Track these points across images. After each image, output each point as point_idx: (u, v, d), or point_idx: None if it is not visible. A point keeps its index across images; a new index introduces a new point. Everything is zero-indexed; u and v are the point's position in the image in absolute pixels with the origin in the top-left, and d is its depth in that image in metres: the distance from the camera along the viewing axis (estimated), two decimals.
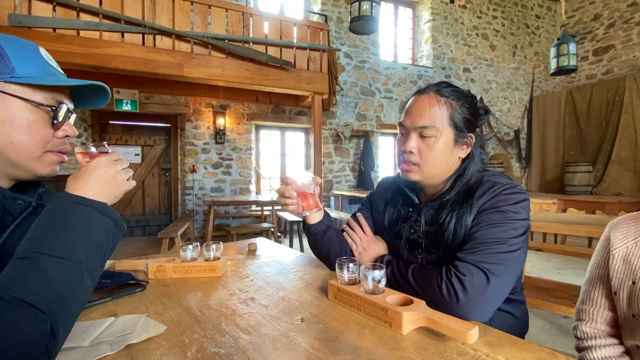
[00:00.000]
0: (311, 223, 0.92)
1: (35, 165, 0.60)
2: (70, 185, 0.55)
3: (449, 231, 0.77)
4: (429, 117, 0.79)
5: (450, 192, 0.81)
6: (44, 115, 0.59)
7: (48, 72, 0.60)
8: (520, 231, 0.73)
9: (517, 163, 7.90)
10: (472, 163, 0.83)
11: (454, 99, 0.81)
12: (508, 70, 7.85)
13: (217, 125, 5.13)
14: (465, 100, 0.82)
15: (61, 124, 0.61)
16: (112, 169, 0.58)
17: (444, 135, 0.79)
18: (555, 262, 3.65)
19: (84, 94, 0.68)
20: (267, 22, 4.29)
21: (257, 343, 0.57)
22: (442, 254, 0.80)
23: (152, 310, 0.71)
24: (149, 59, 3.58)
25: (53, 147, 0.62)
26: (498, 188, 0.76)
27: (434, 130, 0.78)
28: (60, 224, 0.49)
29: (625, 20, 6.85)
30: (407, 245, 0.88)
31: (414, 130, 0.80)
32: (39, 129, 0.58)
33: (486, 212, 0.74)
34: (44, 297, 0.43)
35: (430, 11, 6.87)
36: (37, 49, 0.61)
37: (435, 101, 0.79)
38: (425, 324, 0.60)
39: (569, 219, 2.14)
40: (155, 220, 5.20)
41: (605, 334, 0.73)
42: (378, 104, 6.39)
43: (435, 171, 0.82)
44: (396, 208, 0.93)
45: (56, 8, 3.25)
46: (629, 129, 6.26)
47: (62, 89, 0.62)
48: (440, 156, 0.80)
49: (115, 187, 0.58)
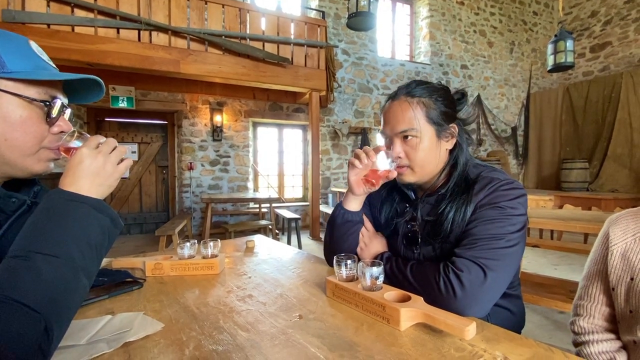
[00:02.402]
0: (350, 209, 0.89)
1: (29, 163, 0.59)
2: (62, 182, 0.54)
3: (447, 221, 0.77)
4: (405, 121, 0.80)
5: (447, 185, 0.82)
6: (38, 111, 0.58)
7: (40, 66, 0.58)
8: (518, 227, 0.73)
9: (514, 160, 7.93)
10: (461, 152, 0.85)
11: (426, 96, 0.81)
12: (505, 67, 7.85)
13: (214, 122, 5.10)
14: (438, 94, 0.83)
15: (56, 119, 0.60)
16: (97, 159, 0.54)
17: (425, 134, 0.80)
18: (551, 258, 3.68)
19: (78, 88, 0.67)
20: (264, 18, 4.27)
21: (255, 340, 0.57)
22: (439, 248, 0.81)
23: (150, 308, 0.70)
24: (145, 55, 3.55)
25: (48, 143, 0.60)
26: (496, 184, 0.76)
27: (414, 132, 0.80)
28: (54, 222, 0.48)
29: (622, 17, 6.86)
30: (404, 241, 0.88)
31: (396, 136, 0.82)
32: (33, 125, 0.57)
33: (484, 208, 0.75)
34: (37, 296, 0.43)
35: (428, 7, 6.84)
36: (27, 43, 0.59)
37: (407, 105, 0.81)
38: (423, 320, 0.60)
39: (565, 215, 2.15)
40: (153, 218, 5.18)
41: (603, 329, 0.74)
42: (376, 100, 6.38)
43: (427, 169, 0.83)
44: (392, 205, 0.94)
45: (50, 4, 3.22)
46: (625, 126, 6.29)
47: (56, 84, 0.61)
48: (427, 154, 0.81)
49: (105, 177, 0.55)
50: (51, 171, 0.63)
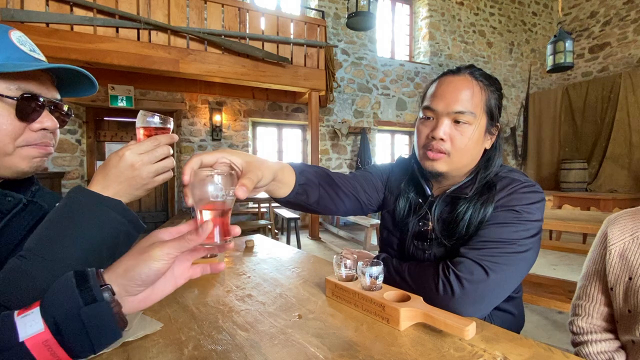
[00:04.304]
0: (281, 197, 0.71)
1: (9, 162, 0.55)
2: (93, 179, 0.51)
3: (464, 221, 0.72)
4: (467, 101, 0.71)
5: (472, 186, 0.75)
6: (8, 107, 0.53)
7: (14, 58, 0.53)
8: (532, 232, 0.70)
9: (513, 160, 7.94)
10: (497, 154, 0.78)
11: (488, 83, 0.74)
12: (505, 67, 7.86)
13: (214, 121, 5.10)
14: (496, 86, 0.76)
15: (33, 116, 0.55)
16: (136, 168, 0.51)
17: (480, 123, 0.73)
18: (550, 258, 3.68)
19: (70, 82, 0.63)
20: (264, 18, 4.26)
21: (254, 340, 0.57)
22: (450, 248, 0.76)
23: (148, 308, 0.70)
24: (144, 54, 3.54)
25: (27, 141, 0.56)
26: (516, 185, 0.72)
27: (471, 116, 0.71)
28: (65, 223, 0.47)
29: (621, 18, 6.87)
30: (415, 239, 0.83)
31: (447, 115, 0.72)
32: (4, 123, 0.53)
33: (500, 209, 0.71)
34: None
35: (428, 8, 6.85)
36: (5, 33, 0.54)
37: (473, 84, 0.73)
38: (423, 320, 0.60)
39: (564, 216, 2.15)
40: (152, 218, 5.18)
41: (601, 329, 0.74)
42: (375, 100, 6.38)
43: (464, 162, 0.75)
44: (408, 200, 0.85)
45: (49, 2, 3.21)
46: (624, 126, 6.31)
47: (36, 78, 0.56)
48: (474, 146, 0.73)
49: (137, 188, 0.52)
50: (44, 168, 0.62)
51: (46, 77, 0.58)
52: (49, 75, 0.59)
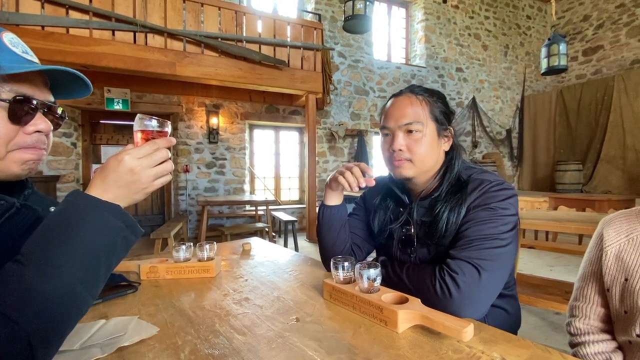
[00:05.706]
0: (332, 204, 0.93)
1: (1, 166, 0.54)
2: (91, 183, 0.51)
3: (442, 221, 0.79)
4: (411, 114, 0.82)
5: (440, 188, 0.84)
6: (1, 110, 0.52)
7: (6, 60, 0.52)
8: (510, 226, 0.75)
9: (509, 162, 7.99)
10: (457, 154, 0.87)
11: (428, 96, 0.86)
12: (500, 70, 7.93)
13: (211, 124, 5.09)
14: (438, 97, 0.88)
15: (27, 119, 0.54)
16: (135, 173, 0.51)
17: (429, 129, 0.83)
18: (546, 259, 3.70)
19: (64, 84, 0.62)
20: (261, 21, 4.27)
21: (251, 344, 0.57)
22: (434, 250, 0.82)
23: (145, 312, 0.69)
24: (140, 57, 3.53)
25: (19, 144, 0.55)
26: (486, 185, 0.78)
27: (419, 125, 0.82)
28: (61, 228, 0.46)
29: (614, 21, 6.97)
30: (400, 245, 0.89)
31: (399, 129, 0.83)
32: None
33: (476, 209, 0.76)
34: (22, 309, 0.40)
35: (423, 11, 6.90)
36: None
37: (413, 99, 0.84)
38: (421, 322, 0.60)
39: (559, 217, 2.16)
40: (148, 221, 5.14)
41: (598, 330, 0.74)
42: (372, 103, 6.40)
43: (427, 165, 0.84)
44: (386, 212, 0.95)
45: (45, 5, 3.19)
46: (618, 128, 6.38)
47: (29, 80, 0.55)
48: (429, 149, 0.83)
49: (135, 192, 0.52)
50: (37, 172, 0.61)
51: (39, 80, 0.58)
52: (42, 78, 0.59)
